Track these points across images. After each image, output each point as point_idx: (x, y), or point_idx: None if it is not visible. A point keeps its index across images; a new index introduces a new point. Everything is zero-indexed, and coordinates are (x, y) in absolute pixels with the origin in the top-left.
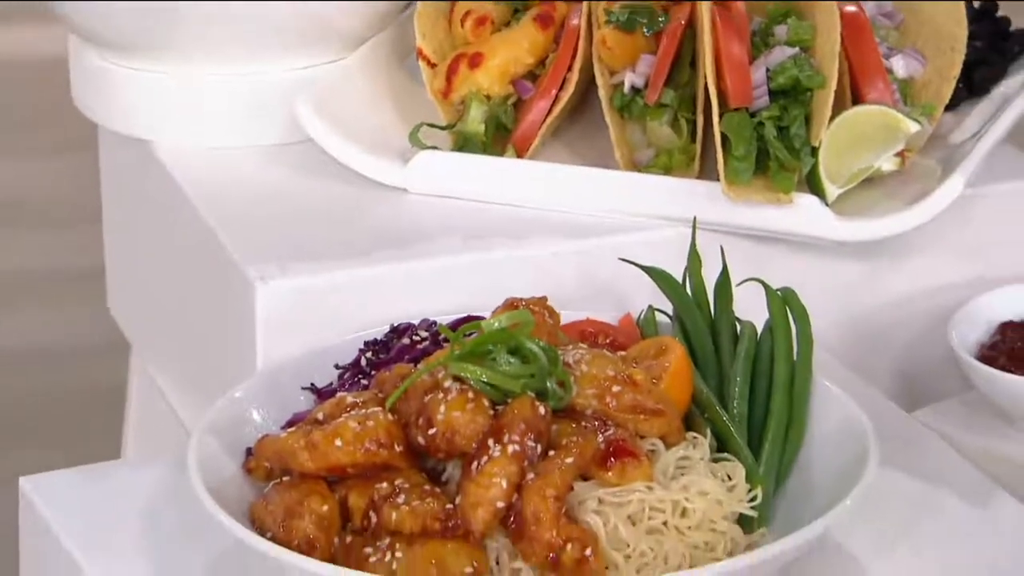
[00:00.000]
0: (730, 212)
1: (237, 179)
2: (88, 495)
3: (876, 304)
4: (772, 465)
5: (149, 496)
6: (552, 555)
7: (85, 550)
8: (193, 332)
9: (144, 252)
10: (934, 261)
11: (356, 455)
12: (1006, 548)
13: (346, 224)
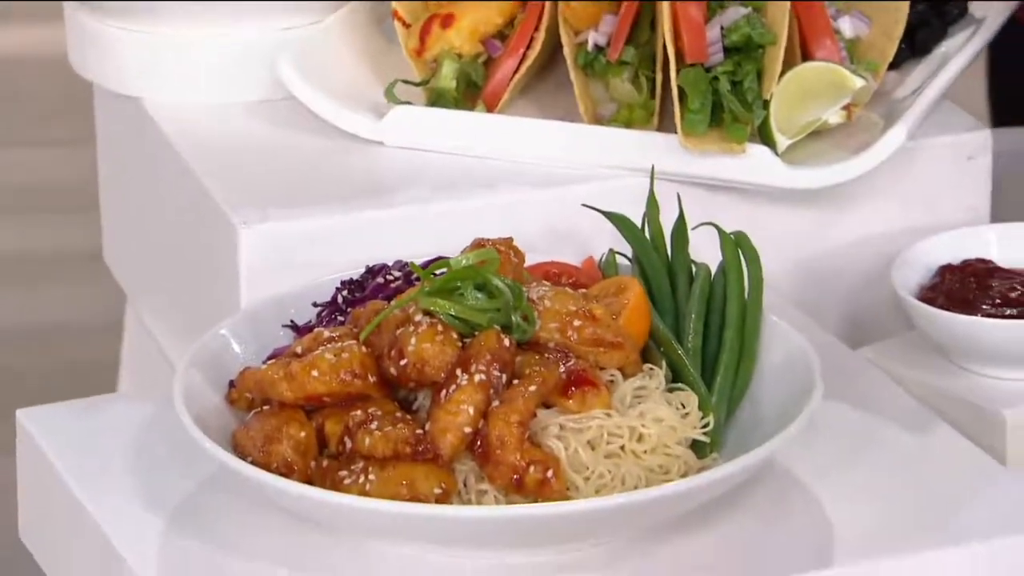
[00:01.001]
0: (686, 162)
1: (223, 133)
2: (82, 427)
3: (824, 249)
4: (724, 395)
5: (139, 427)
6: (516, 477)
7: (79, 478)
8: (181, 277)
9: (136, 204)
10: (878, 209)
11: (332, 385)
12: (943, 473)
13: (325, 174)
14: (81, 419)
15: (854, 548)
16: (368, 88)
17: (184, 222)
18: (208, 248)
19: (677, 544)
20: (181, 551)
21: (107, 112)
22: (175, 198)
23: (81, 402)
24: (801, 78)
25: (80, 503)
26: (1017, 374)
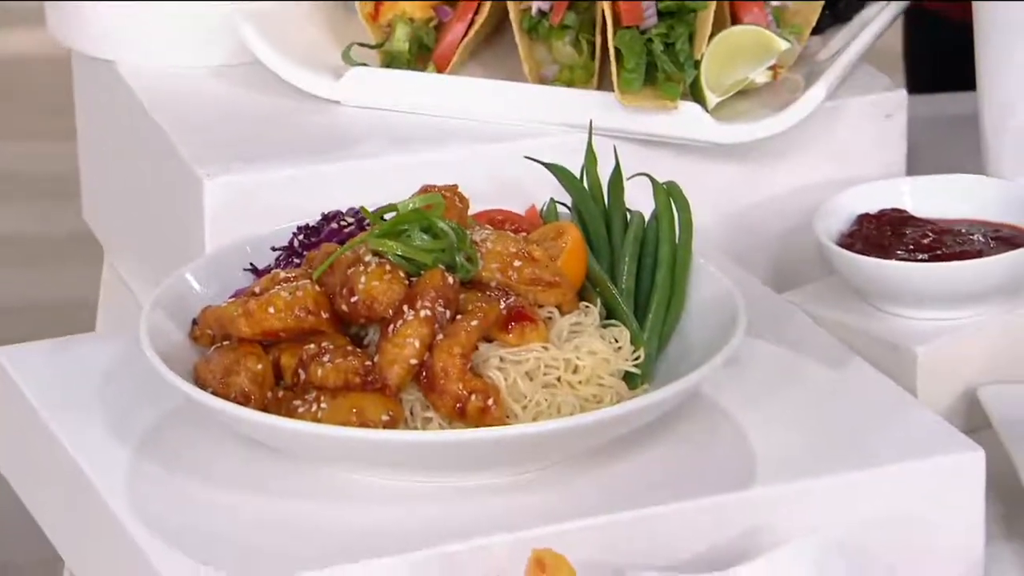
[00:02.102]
0: (623, 119)
1: (190, 93)
2: (55, 363)
3: (751, 201)
4: (655, 332)
5: (109, 364)
6: (459, 405)
7: (51, 409)
8: (151, 228)
9: (110, 161)
10: (802, 164)
11: (287, 321)
12: (858, 404)
13: (286, 131)
14: (54, 356)
15: (775, 471)
16: (326, 51)
17: (154, 177)
18: (175, 200)
19: (611, 468)
20: (147, 476)
21: (84, 76)
22: (145, 155)
23: (54, 341)
24: (730, 40)
25: (52, 433)
26: (928, 314)
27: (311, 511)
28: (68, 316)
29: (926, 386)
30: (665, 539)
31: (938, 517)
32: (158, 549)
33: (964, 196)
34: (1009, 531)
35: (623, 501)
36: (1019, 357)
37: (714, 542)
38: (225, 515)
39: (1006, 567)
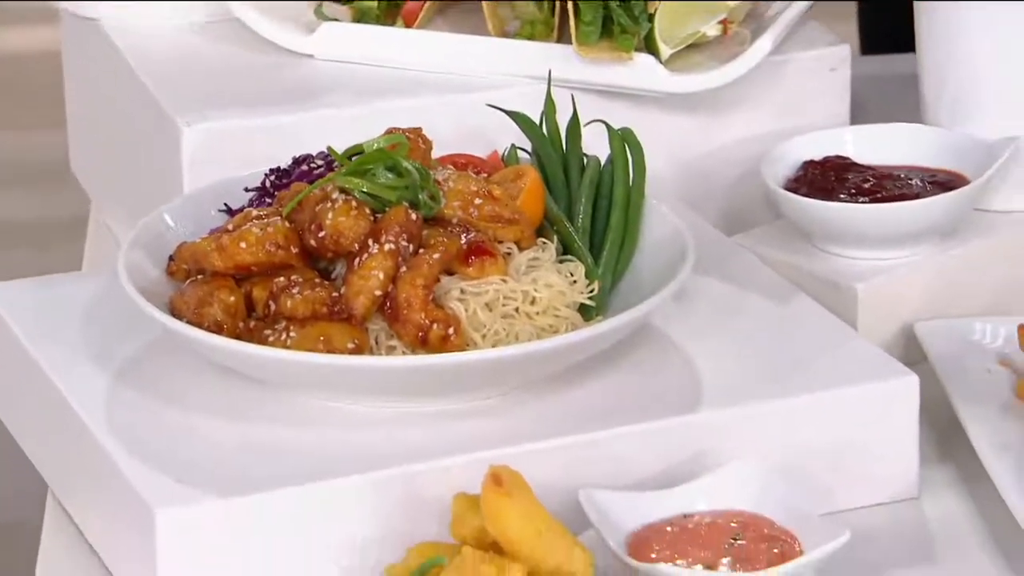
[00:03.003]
0: (581, 70)
1: (171, 49)
2: (40, 298)
3: (703, 150)
4: (608, 267)
5: (92, 300)
6: (421, 334)
7: (35, 341)
8: (133, 176)
9: (95, 115)
10: (752, 115)
11: (258, 255)
12: (801, 335)
13: (261, 83)
14: (39, 292)
15: (720, 397)
16: (299, 8)
17: (135, 126)
18: (155, 148)
19: (567, 394)
20: (126, 403)
21: (70, 35)
22: (128, 106)
23: (39, 279)
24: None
25: (36, 363)
26: (869, 254)
27: (281, 434)
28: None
29: (866, 322)
30: (618, 461)
31: (875, 441)
32: (136, 469)
33: (903, 144)
34: (942, 456)
35: (578, 425)
36: (953, 294)
37: (664, 463)
38: (199, 438)
39: (939, 489)
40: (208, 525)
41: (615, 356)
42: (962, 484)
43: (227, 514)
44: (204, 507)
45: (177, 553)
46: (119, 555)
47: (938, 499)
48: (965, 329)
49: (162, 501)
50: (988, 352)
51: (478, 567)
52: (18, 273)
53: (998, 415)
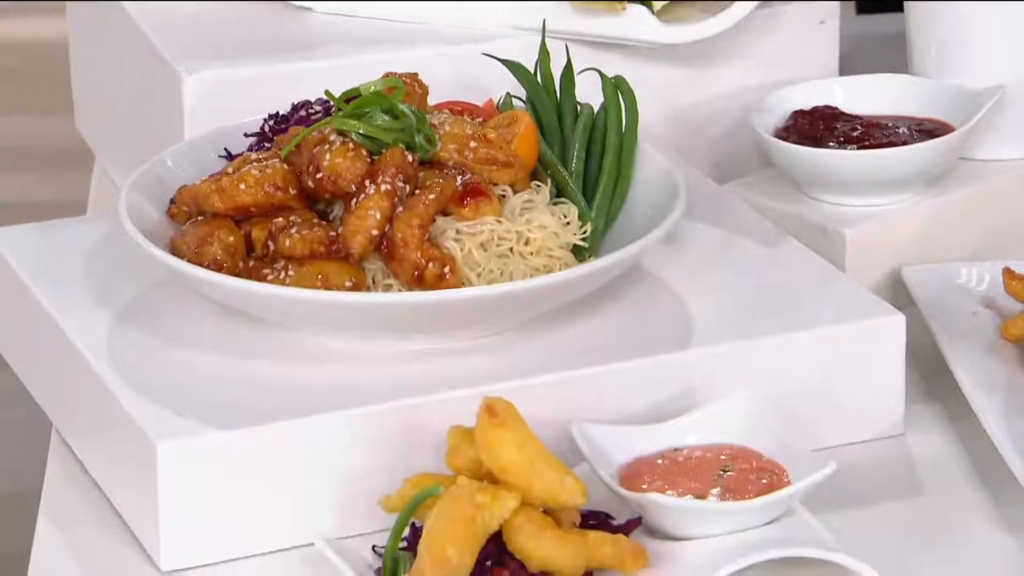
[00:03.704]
0: (574, 21)
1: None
2: (44, 242)
3: (694, 101)
4: (602, 210)
5: (94, 243)
6: (417, 272)
7: (39, 283)
8: (135, 127)
9: (98, 69)
10: (743, 66)
11: (257, 196)
12: (790, 277)
13: (262, 35)
14: (43, 236)
15: (710, 334)
16: None
17: (137, 78)
18: (157, 98)
19: (561, 333)
20: (127, 340)
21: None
22: (130, 59)
23: (43, 223)
24: None
25: (40, 304)
26: (857, 200)
27: (280, 371)
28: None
29: (854, 267)
30: (611, 396)
31: (862, 379)
32: (137, 404)
33: (891, 94)
34: (928, 396)
35: (571, 362)
36: (940, 241)
37: (655, 399)
38: (200, 374)
39: (925, 427)
40: (208, 457)
41: (608, 297)
42: (947, 422)
43: (227, 446)
44: (204, 439)
45: (178, 485)
46: (121, 488)
47: (924, 436)
48: (951, 273)
49: (163, 434)
50: (974, 295)
51: (473, 496)
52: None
53: (983, 355)
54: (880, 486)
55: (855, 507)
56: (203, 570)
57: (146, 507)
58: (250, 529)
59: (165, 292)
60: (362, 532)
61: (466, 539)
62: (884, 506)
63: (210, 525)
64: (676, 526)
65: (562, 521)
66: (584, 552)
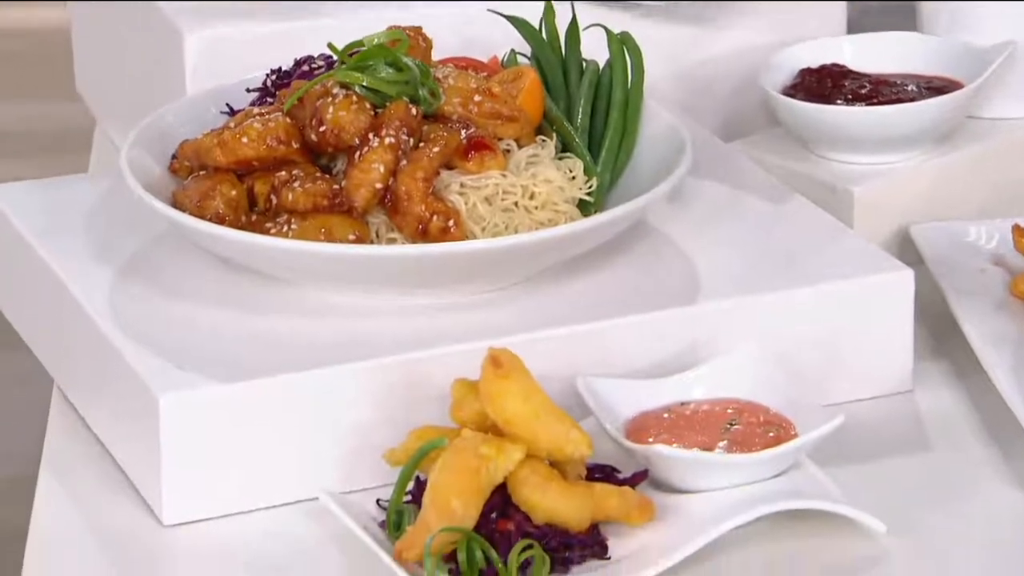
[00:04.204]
0: None
1: None
2: (46, 199)
3: (701, 60)
4: (607, 166)
5: (96, 200)
6: (421, 226)
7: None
8: (136, 87)
9: (99, 29)
10: (750, 25)
11: (260, 150)
12: (796, 233)
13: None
14: (45, 193)
15: (717, 289)
16: None
17: (139, 37)
18: (159, 56)
19: (566, 287)
20: (129, 294)
21: None
22: (132, 19)
23: (45, 180)
24: None
25: (42, 260)
26: (865, 158)
27: (283, 325)
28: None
29: (862, 225)
30: (617, 351)
31: (870, 334)
32: (139, 357)
33: (899, 52)
34: (936, 353)
35: (578, 316)
36: (948, 199)
37: (661, 355)
38: (203, 328)
39: (933, 383)
40: (210, 410)
41: (614, 252)
42: (956, 379)
43: (229, 399)
44: (206, 392)
45: (180, 438)
46: (124, 443)
47: (932, 393)
48: (960, 231)
49: (165, 386)
50: (982, 253)
51: (478, 448)
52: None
53: (992, 311)
54: (888, 442)
55: (863, 462)
56: (206, 524)
57: (148, 461)
58: (253, 483)
59: (167, 248)
60: (366, 487)
61: (471, 491)
62: (892, 462)
63: (213, 479)
64: (682, 479)
65: (568, 474)
66: (590, 504)
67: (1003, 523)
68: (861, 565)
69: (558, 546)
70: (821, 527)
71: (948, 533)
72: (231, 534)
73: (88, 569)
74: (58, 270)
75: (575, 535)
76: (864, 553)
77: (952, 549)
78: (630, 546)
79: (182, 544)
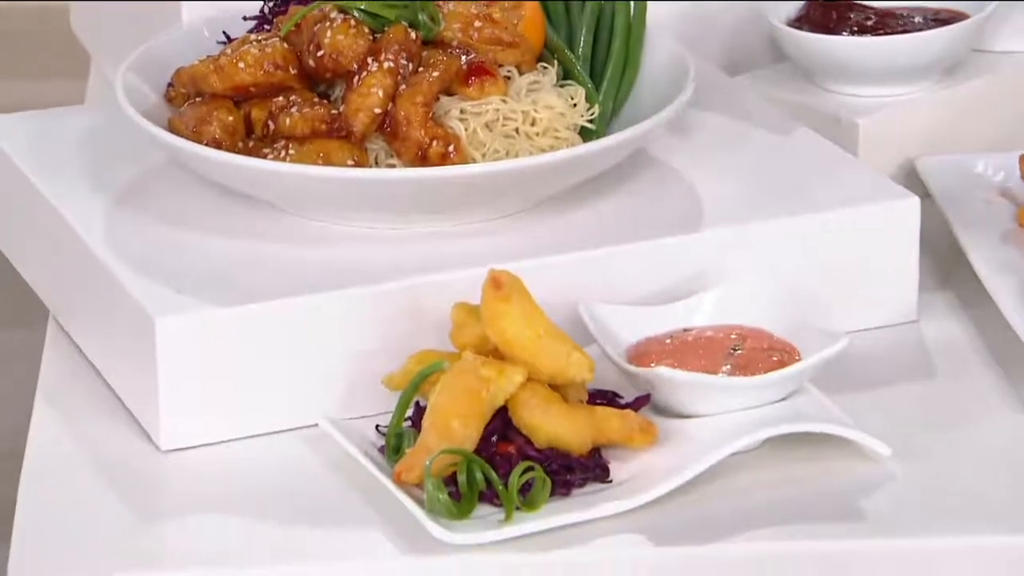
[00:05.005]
0: None
1: None
2: (41, 130)
3: None
4: (610, 94)
5: (92, 131)
6: (421, 151)
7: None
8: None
9: None
10: None
11: (257, 75)
12: (802, 162)
13: None
14: (40, 124)
15: (721, 217)
16: None
17: None
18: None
19: (568, 216)
20: (125, 222)
21: None
22: None
23: (40, 112)
24: None
25: (37, 190)
26: (870, 91)
27: (281, 252)
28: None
29: (867, 158)
30: (620, 278)
31: (875, 263)
32: (136, 282)
33: None
34: (943, 286)
35: (581, 243)
36: (954, 132)
37: (664, 282)
38: (200, 255)
39: (939, 313)
40: (208, 334)
41: (617, 182)
42: (962, 309)
43: (226, 323)
44: (203, 315)
45: (177, 363)
46: (120, 370)
47: (938, 323)
48: (966, 164)
49: (162, 310)
50: (989, 185)
51: (478, 370)
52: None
53: (999, 241)
54: (893, 370)
55: (868, 390)
56: (203, 450)
57: (145, 386)
58: (251, 410)
59: (164, 177)
60: (365, 414)
61: (471, 412)
62: (897, 389)
63: (211, 405)
64: (685, 403)
65: (569, 398)
66: (592, 427)
67: (1008, 446)
68: (866, 488)
69: (559, 469)
70: (825, 451)
71: (953, 457)
72: (229, 460)
73: (85, 496)
74: (53, 199)
75: (576, 458)
76: (869, 477)
77: (958, 472)
78: (632, 469)
79: (180, 470)
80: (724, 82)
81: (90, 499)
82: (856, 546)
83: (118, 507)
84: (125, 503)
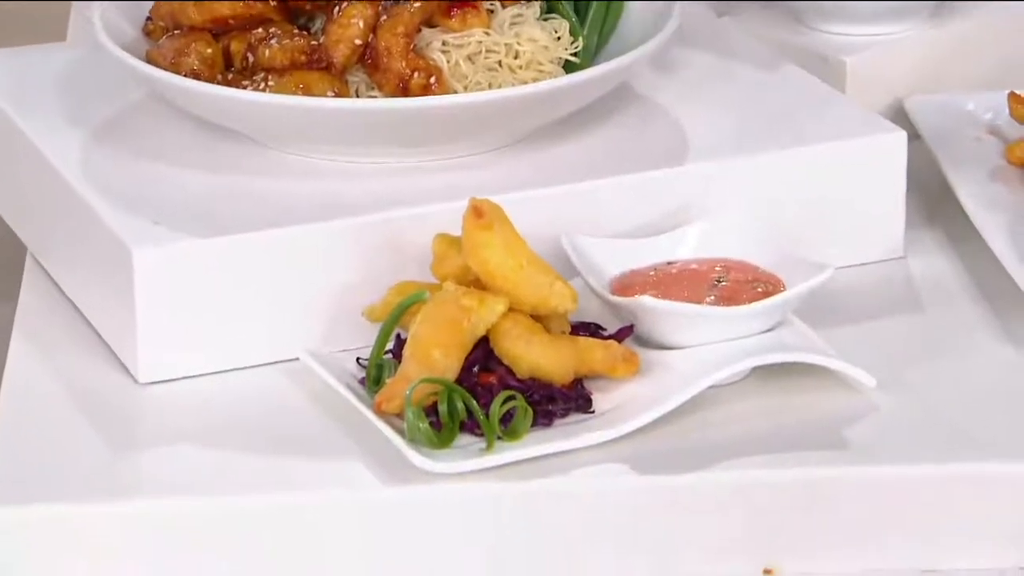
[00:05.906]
0: None
1: None
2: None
3: None
4: (594, 28)
5: (70, 68)
6: (402, 83)
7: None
8: None
9: None
10: None
11: (236, 7)
12: (788, 98)
13: None
14: (17, 60)
15: (706, 151)
16: None
17: None
18: None
19: (551, 149)
20: (104, 156)
21: None
22: None
23: (18, 48)
24: None
25: (14, 124)
26: (858, 29)
27: (260, 185)
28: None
29: (855, 96)
30: (604, 211)
31: (862, 198)
32: (113, 215)
33: None
34: (930, 222)
35: (564, 176)
36: (942, 70)
37: (649, 216)
38: (178, 187)
39: (926, 249)
40: (186, 266)
41: (601, 118)
42: (949, 246)
43: (205, 255)
44: (181, 246)
45: (155, 295)
46: (98, 304)
47: (925, 259)
48: (954, 103)
49: (139, 241)
50: (978, 123)
51: (459, 300)
52: None
53: (987, 178)
54: (879, 305)
55: (853, 324)
56: (182, 383)
57: (123, 319)
58: (230, 342)
59: (143, 113)
60: (346, 347)
61: (452, 342)
62: (883, 322)
63: (189, 338)
64: (668, 333)
65: (551, 329)
66: (574, 357)
67: (994, 378)
68: (850, 419)
69: (541, 399)
70: (810, 382)
71: (938, 388)
72: (208, 393)
73: (62, 429)
74: (30, 134)
75: (559, 388)
76: (853, 408)
77: (942, 403)
78: (615, 400)
79: (158, 402)
80: (711, 21)
81: (67, 431)
82: (840, 473)
83: (95, 439)
84: (102, 435)
